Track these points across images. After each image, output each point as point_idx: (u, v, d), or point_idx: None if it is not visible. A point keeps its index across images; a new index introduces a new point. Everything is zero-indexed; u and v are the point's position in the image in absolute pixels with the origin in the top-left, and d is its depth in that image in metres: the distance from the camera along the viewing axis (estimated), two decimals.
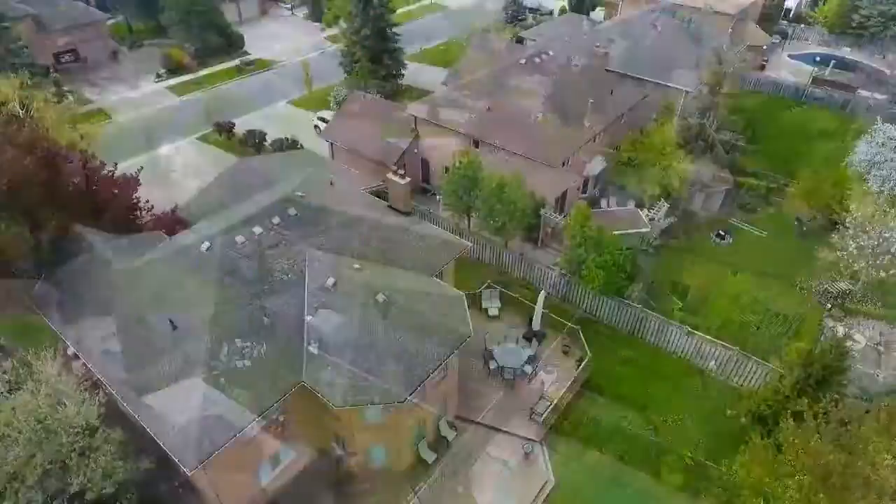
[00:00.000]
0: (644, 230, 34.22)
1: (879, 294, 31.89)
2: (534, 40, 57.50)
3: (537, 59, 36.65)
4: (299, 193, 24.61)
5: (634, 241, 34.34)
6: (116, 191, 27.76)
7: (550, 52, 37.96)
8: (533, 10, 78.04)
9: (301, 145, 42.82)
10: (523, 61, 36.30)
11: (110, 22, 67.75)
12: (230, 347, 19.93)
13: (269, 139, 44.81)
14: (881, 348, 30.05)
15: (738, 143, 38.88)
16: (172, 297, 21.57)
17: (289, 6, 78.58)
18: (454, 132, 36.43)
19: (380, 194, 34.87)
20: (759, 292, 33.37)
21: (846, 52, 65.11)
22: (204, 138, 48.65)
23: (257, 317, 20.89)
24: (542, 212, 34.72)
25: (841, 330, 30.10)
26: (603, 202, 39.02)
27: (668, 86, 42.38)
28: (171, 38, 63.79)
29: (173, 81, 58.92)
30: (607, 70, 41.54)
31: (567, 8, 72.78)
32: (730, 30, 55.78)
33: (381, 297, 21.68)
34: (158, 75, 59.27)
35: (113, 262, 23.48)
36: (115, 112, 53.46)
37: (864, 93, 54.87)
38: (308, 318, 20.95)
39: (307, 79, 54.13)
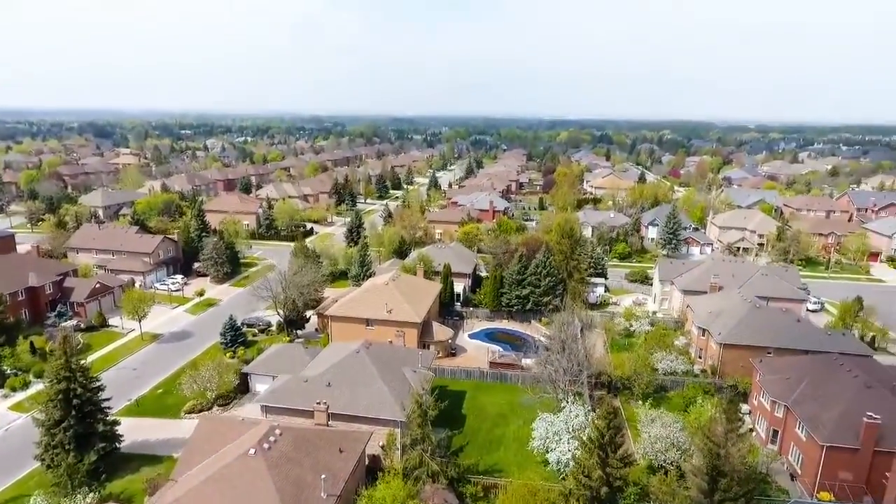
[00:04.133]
0: None
1: None
2: (261, 374, 61.79)
3: (266, 445, 39.48)
4: None
5: None
6: None
7: (278, 432, 41.38)
8: (251, 325, 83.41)
9: None
10: (253, 451, 38.65)
11: None
12: None
13: None
14: None
15: (450, 461, 46.36)
16: None
17: None
18: None
19: None
20: None
21: (506, 326, 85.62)
22: None
23: None
24: None
25: None
26: None
27: (386, 419, 49.43)
28: None
29: None
30: (330, 421, 46.72)
31: (283, 323, 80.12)
32: (416, 341, 68.91)
33: None
34: None
35: None
36: None
37: (526, 361, 71.78)
38: None
39: None
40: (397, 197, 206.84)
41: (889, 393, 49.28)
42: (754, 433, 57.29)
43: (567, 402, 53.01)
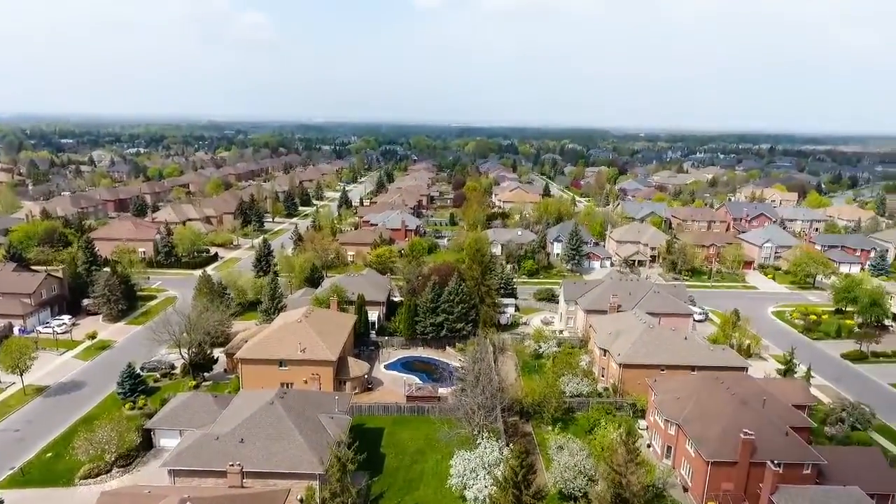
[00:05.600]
0: None
1: None
2: (166, 429, 58.33)
3: None
4: None
5: None
6: None
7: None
8: (153, 369, 78.53)
9: None
10: None
11: None
12: None
13: None
14: None
15: None
16: None
17: None
18: None
19: None
20: None
21: (422, 353, 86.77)
22: None
23: None
24: None
25: None
26: None
27: (304, 472, 48.74)
28: None
29: None
30: (245, 479, 45.43)
31: (189, 367, 76.22)
32: (331, 379, 68.43)
33: None
34: None
35: None
36: None
37: (443, 390, 73.24)
38: None
39: None
40: (307, 214, 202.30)
41: (760, 407, 55.61)
42: (651, 448, 62.36)
43: (482, 438, 54.85)
